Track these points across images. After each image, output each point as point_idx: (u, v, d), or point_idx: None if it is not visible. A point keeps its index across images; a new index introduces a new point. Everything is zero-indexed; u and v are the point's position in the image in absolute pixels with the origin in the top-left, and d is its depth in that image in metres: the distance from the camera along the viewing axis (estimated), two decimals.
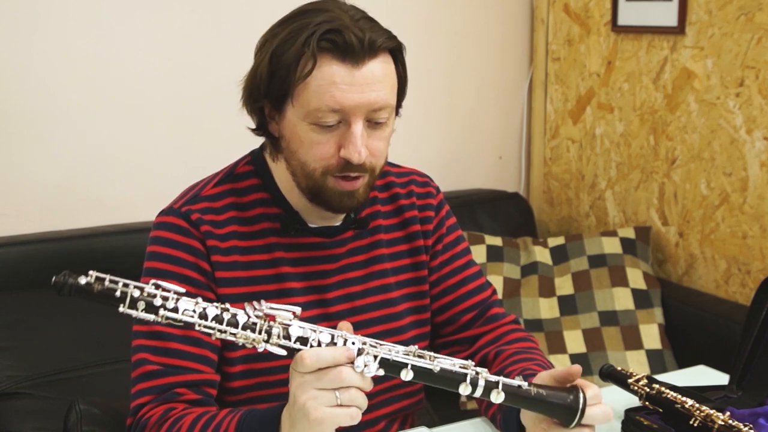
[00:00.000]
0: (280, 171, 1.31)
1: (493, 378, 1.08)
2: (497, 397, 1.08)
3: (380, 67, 1.21)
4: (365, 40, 1.18)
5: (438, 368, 1.06)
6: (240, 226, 1.30)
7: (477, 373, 1.07)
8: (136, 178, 2.28)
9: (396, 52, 1.25)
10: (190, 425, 1.17)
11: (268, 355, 1.27)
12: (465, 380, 1.06)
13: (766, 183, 2.18)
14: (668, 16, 2.36)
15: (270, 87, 1.23)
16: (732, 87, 2.23)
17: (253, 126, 1.31)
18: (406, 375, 1.06)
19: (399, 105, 1.31)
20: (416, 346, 1.08)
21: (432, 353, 1.08)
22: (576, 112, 2.73)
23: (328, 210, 1.27)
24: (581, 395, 1.11)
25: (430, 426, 1.38)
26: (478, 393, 1.07)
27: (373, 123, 1.22)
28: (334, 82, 1.18)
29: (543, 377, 1.19)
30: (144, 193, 2.27)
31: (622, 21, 2.51)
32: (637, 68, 2.49)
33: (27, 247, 2.06)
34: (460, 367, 1.07)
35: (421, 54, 2.63)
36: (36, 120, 2.15)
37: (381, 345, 1.07)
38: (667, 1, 2.36)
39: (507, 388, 1.08)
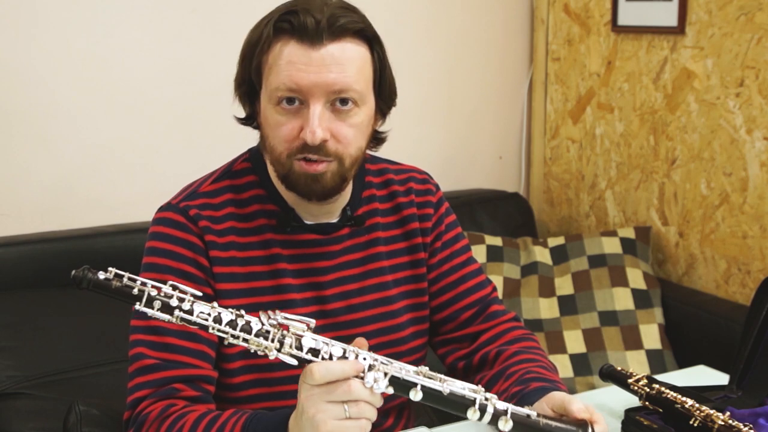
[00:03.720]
0: (272, 166, 1.31)
1: (502, 405, 1.08)
2: (505, 425, 1.08)
3: (343, 50, 1.21)
4: (323, 21, 1.19)
5: (447, 391, 1.06)
6: (238, 222, 1.31)
7: (486, 399, 1.07)
8: (136, 178, 2.28)
9: (371, 41, 1.25)
10: (193, 423, 1.17)
11: None
12: (474, 405, 1.06)
13: (766, 183, 2.18)
14: (668, 16, 2.36)
15: (243, 72, 1.26)
16: (732, 87, 2.23)
17: (240, 116, 1.33)
18: (415, 395, 1.06)
19: (384, 101, 1.30)
20: (426, 367, 1.08)
21: (442, 376, 1.08)
22: (576, 112, 2.73)
23: (298, 195, 1.27)
24: (590, 431, 1.12)
25: (429, 426, 1.38)
26: (486, 419, 1.07)
27: (338, 107, 1.22)
28: (291, 61, 1.20)
29: (555, 400, 1.19)
30: (144, 193, 2.27)
31: (622, 21, 2.51)
32: (637, 68, 2.49)
33: (27, 247, 2.06)
34: (470, 391, 1.07)
35: (421, 54, 2.63)
36: (36, 120, 2.15)
37: (391, 363, 1.07)
38: (667, 1, 2.36)
39: (515, 417, 1.08)
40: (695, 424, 1.23)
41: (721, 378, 1.52)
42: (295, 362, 1.05)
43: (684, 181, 2.39)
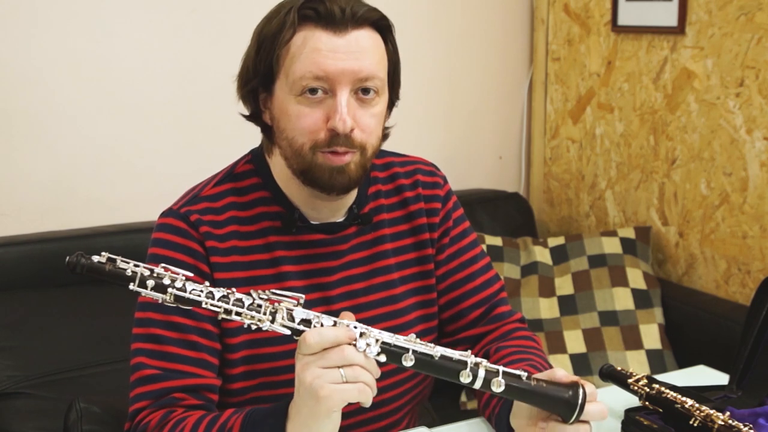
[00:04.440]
0: (278, 167, 1.30)
1: (493, 367, 1.09)
2: (497, 387, 1.08)
3: (366, 38, 1.21)
4: (347, 9, 1.19)
5: (438, 354, 1.07)
6: (240, 225, 1.29)
7: (476, 364, 1.08)
8: (136, 178, 2.28)
9: (384, 31, 1.25)
10: (193, 425, 1.16)
11: (269, 356, 1.27)
12: (465, 368, 1.07)
13: (766, 183, 2.18)
14: (668, 16, 2.36)
15: (257, 63, 1.24)
16: (732, 87, 2.23)
17: (247, 113, 1.31)
18: (407, 361, 1.06)
19: (394, 93, 1.30)
20: (414, 335, 1.09)
21: (432, 344, 1.09)
22: (576, 112, 2.73)
23: (320, 190, 1.25)
24: (581, 391, 1.11)
25: (430, 426, 1.38)
26: (478, 383, 1.08)
27: (361, 96, 1.21)
28: (318, 48, 1.18)
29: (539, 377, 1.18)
30: (144, 193, 2.27)
31: (622, 21, 2.51)
32: (637, 68, 2.49)
33: (27, 247, 2.06)
34: (460, 356, 1.08)
35: (422, 54, 2.63)
36: (36, 120, 2.15)
37: (382, 332, 1.08)
38: (667, 1, 2.36)
39: (507, 378, 1.09)
40: (695, 424, 1.23)
41: (721, 378, 1.52)
42: (288, 332, 1.06)
43: (684, 181, 2.39)
